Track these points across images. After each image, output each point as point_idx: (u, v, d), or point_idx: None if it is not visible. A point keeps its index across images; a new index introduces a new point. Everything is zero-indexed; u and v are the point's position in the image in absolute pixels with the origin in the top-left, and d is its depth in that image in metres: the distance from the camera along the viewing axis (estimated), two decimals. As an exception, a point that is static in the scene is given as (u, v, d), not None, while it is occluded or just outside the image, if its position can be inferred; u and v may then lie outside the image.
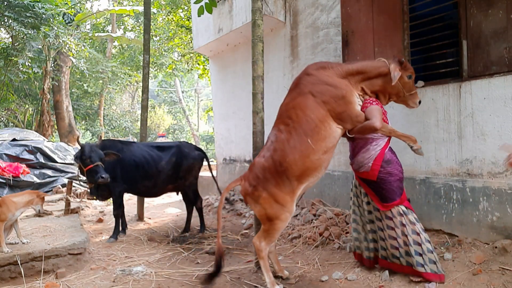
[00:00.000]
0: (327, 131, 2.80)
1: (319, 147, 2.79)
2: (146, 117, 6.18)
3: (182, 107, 25.53)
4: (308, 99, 2.84)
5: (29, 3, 9.80)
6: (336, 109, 2.79)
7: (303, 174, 2.82)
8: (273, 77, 5.86)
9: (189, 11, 12.38)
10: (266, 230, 2.92)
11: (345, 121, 2.82)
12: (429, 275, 2.76)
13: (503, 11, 3.11)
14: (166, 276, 3.39)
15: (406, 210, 2.89)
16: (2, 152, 7.38)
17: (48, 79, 12.09)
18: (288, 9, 5.58)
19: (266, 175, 2.86)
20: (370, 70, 2.90)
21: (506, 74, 3.11)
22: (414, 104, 3.04)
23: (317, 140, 2.78)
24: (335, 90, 2.80)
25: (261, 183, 2.87)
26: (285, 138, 2.86)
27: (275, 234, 2.91)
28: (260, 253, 2.92)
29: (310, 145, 2.77)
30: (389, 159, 2.91)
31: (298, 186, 2.86)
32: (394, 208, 2.88)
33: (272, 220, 2.86)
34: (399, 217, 2.87)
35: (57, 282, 3.21)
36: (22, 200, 3.42)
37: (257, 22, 3.59)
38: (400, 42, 3.83)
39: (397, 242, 2.88)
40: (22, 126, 15.00)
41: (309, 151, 2.78)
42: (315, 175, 2.90)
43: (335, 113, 2.80)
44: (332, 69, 2.91)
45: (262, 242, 2.91)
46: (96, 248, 4.22)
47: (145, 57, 6.20)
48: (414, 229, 2.83)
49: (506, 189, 3.10)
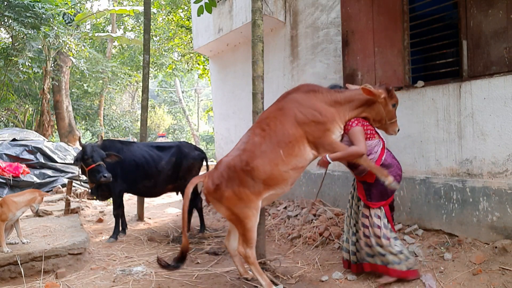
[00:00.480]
0: (300, 151, 2.84)
1: (289, 161, 2.81)
2: (146, 117, 6.18)
3: (182, 107, 25.54)
4: (291, 115, 2.87)
5: (29, 3, 9.80)
6: (314, 133, 2.83)
7: (270, 179, 2.81)
8: (273, 77, 5.86)
9: (189, 11, 12.38)
10: (242, 233, 2.89)
11: (318, 147, 2.86)
12: (399, 273, 2.85)
13: (503, 11, 3.11)
14: (166, 276, 3.39)
15: (383, 214, 2.95)
16: (2, 152, 7.39)
17: (48, 79, 12.09)
18: (288, 9, 5.58)
19: (231, 174, 2.84)
20: (357, 99, 2.93)
21: (506, 74, 3.11)
22: (393, 132, 3.07)
23: (289, 155, 2.81)
24: (319, 116, 2.84)
25: (224, 182, 2.84)
26: (258, 141, 2.86)
27: (251, 235, 2.86)
28: (248, 259, 2.89)
29: (281, 156, 2.79)
30: (390, 163, 2.96)
31: (265, 190, 2.84)
32: (373, 209, 2.94)
33: (242, 221, 2.84)
34: (375, 218, 2.93)
35: (57, 282, 3.21)
36: (23, 200, 3.41)
37: (257, 22, 3.59)
38: (400, 42, 3.83)
39: (370, 240, 2.94)
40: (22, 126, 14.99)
41: (279, 161, 2.79)
42: (281, 188, 2.89)
43: (312, 136, 2.84)
44: (322, 94, 2.95)
45: (246, 248, 2.88)
46: (96, 248, 4.22)
47: (145, 57, 6.21)
48: (385, 234, 2.91)
49: (506, 189, 3.10)
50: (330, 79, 4.78)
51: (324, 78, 4.88)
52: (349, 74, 4.06)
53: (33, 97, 14.62)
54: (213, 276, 3.41)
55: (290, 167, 2.82)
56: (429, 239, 3.54)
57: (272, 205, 5.58)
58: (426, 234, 3.62)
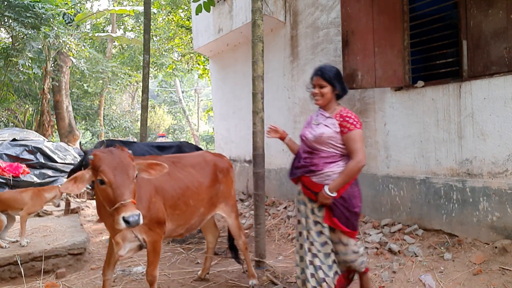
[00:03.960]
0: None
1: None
2: (146, 117, 6.18)
3: (182, 107, 25.54)
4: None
5: (29, 3, 9.79)
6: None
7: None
8: (273, 77, 5.85)
9: (189, 11, 12.38)
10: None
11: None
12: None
13: (503, 11, 3.10)
14: (166, 276, 3.39)
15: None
16: (2, 152, 7.38)
17: (48, 79, 12.08)
18: (288, 9, 5.58)
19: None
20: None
21: (506, 74, 3.11)
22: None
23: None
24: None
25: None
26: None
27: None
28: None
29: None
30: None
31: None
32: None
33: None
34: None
35: (57, 282, 3.21)
36: (48, 196, 3.56)
37: (257, 22, 3.59)
38: (400, 42, 3.84)
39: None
40: (22, 126, 14.98)
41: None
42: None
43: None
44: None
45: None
46: (96, 248, 4.22)
47: (145, 57, 6.20)
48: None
49: (506, 189, 3.10)
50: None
51: (324, 78, 4.88)
52: (349, 74, 4.05)
53: (33, 97, 14.61)
54: (213, 276, 3.40)
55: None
56: (429, 239, 3.54)
57: (272, 205, 5.58)
58: (426, 234, 3.62)
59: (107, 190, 2.01)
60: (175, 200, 2.64)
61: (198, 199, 2.79)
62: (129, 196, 1.99)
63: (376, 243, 3.68)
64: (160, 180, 2.56)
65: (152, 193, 2.50)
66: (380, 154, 4.19)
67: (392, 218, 4.04)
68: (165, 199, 2.57)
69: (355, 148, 2.25)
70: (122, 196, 1.97)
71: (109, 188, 2.00)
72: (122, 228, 1.96)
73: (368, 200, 4.31)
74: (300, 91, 5.33)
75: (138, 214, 1.96)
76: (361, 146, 2.27)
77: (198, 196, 2.79)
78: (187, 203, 2.71)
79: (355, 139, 2.26)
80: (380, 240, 3.71)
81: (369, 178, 4.29)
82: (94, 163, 2.06)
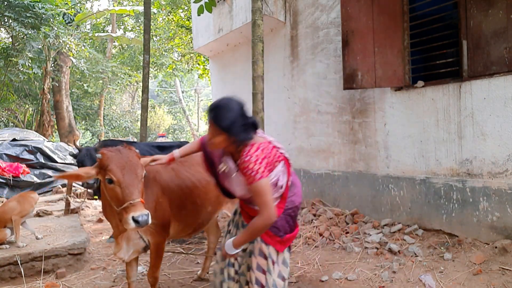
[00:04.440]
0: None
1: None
2: (146, 117, 6.18)
3: (182, 107, 25.54)
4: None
5: (29, 3, 9.80)
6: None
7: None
8: (273, 77, 5.85)
9: (189, 11, 12.38)
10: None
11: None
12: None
13: (503, 11, 3.11)
14: (166, 276, 3.39)
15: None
16: (2, 152, 7.38)
17: (48, 79, 12.08)
18: (288, 9, 5.58)
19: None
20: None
21: (506, 74, 3.11)
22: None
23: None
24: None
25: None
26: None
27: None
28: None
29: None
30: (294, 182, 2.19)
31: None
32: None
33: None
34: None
35: (57, 282, 3.21)
36: (35, 196, 3.64)
37: (257, 22, 3.59)
38: (400, 42, 3.84)
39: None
40: (22, 126, 15.00)
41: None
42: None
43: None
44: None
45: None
46: (96, 248, 4.22)
47: (145, 57, 6.21)
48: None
49: (506, 189, 3.10)
50: (330, 79, 4.79)
51: (324, 78, 4.89)
52: (349, 74, 4.05)
53: (33, 97, 14.62)
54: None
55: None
56: (429, 239, 3.54)
57: (272, 205, 5.57)
58: (426, 234, 3.62)
59: (116, 190, 1.97)
60: (182, 200, 2.59)
61: (206, 198, 2.75)
62: (138, 195, 1.97)
63: (376, 243, 3.68)
64: (167, 180, 2.53)
65: (158, 193, 2.46)
66: (380, 154, 4.20)
67: (392, 218, 4.04)
68: (172, 199, 2.53)
69: (260, 202, 1.83)
70: (131, 196, 1.94)
71: (117, 188, 1.97)
72: (131, 228, 1.93)
73: (368, 200, 4.32)
74: (300, 91, 5.34)
75: (147, 213, 1.95)
76: (268, 199, 1.82)
77: (206, 195, 2.75)
78: (195, 202, 2.67)
79: (258, 193, 1.82)
80: (380, 240, 3.71)
81: (369, 178, 4.29)
82: (102, 162, 2.02)
